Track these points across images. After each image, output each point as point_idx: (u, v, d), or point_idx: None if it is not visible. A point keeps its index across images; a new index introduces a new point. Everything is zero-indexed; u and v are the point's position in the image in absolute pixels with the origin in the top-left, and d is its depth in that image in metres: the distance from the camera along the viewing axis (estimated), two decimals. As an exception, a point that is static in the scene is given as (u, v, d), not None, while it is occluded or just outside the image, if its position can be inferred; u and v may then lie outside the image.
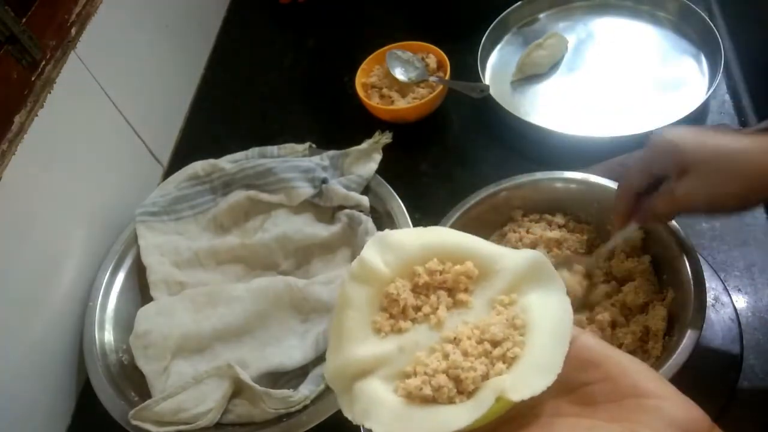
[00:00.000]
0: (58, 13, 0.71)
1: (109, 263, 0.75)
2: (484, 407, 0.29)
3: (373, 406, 0.31)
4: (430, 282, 0.35)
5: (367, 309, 0.35)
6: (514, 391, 0.29)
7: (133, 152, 0.86)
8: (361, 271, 0.35)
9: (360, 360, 0.33)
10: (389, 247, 0.36)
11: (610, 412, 0.31)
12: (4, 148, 0.62)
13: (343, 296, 0.35)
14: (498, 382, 0.30)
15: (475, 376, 0.31)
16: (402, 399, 0.31)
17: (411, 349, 0.33)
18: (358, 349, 0.33)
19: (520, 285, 0.34)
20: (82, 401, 0.71)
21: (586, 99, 0.84)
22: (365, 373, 0.32)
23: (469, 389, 0.31)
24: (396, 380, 0.32)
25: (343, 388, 0.33)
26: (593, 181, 0.64)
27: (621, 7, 0.94)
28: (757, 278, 0.64)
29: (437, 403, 0.31)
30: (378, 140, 0.82)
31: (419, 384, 0.31)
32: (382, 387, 0.32)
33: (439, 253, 0.36)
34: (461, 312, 0.34)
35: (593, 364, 0.32)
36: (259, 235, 0.75)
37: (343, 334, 0.34)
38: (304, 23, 1.10)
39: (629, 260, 0.60)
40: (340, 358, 0.33)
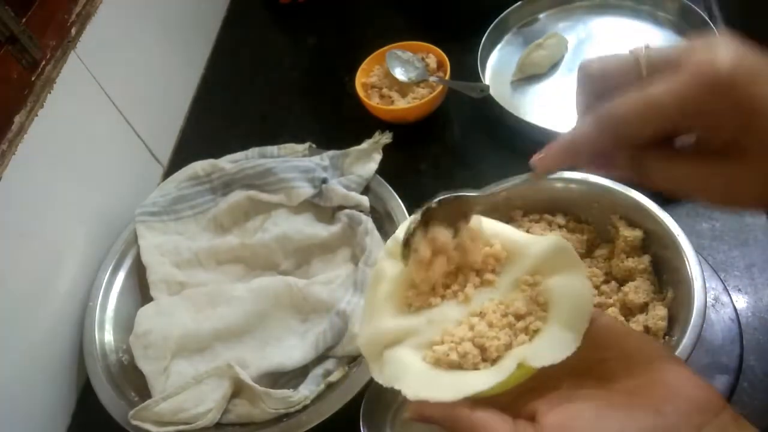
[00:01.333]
0: (58, 13, 0.71)
1: (109, 263, 0.75)
2: (506, 372, 0.31)
3: (402, 370, 0.33)
4: (460, 262, 0.37)
5: (399, 283, 0.37)
6: (535, 358, 0.31)
7: (133, 152, 0.86)
8: (395, 248, 0.37)
9: (391, 330, 0.35)
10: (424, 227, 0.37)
11: (627, 386, 0.32)
12: (4, 148, 0.62)
13: (378, 271, 0.37)
14: (520, 351, 0.32)
15: (499, 345, 0.33)
16: (430, 365, 0.33)
17: (439, 322, 0.35)
18: (390, 321, 0.35)
19: (543, 268, 0.36)
20: (82, 401, 0.71)
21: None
22: (395, 342, 0.35)
23: (493, 357, 0.33)
24: (424, 349, 0.34)
25: (373, 356, 0.35)
26: (593, 181, 0.64)
27: (621, 7, 0.94)
28: (757, 278, 0.64)
29: (462, 368, 0.33)
30: (378, 140, 0.82)
31: (446, 350, 0.33)
32: (411, 354, 0.34)
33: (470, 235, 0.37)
34: (488, 290, 0.36)
35: (611, 343, 0.33)
36: (259, 235, 0.75)
37: (376, 305, 0.36)
38: (304, 23, 1.10)
39: (629, 260, 0.60)
40: (373, 328, 0.35)
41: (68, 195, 0.72)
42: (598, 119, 0.33)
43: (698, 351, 0.51)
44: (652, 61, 0.33)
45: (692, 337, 0.51)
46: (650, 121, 0.31)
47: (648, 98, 0.31)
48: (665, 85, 0.31)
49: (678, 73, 0.31)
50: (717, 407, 0.31)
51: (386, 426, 0.60)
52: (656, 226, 0.59)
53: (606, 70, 0.35)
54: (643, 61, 0.33)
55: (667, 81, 0.31)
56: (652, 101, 0.31)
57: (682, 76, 0.30)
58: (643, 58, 0.33)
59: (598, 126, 0.33)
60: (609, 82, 0.34)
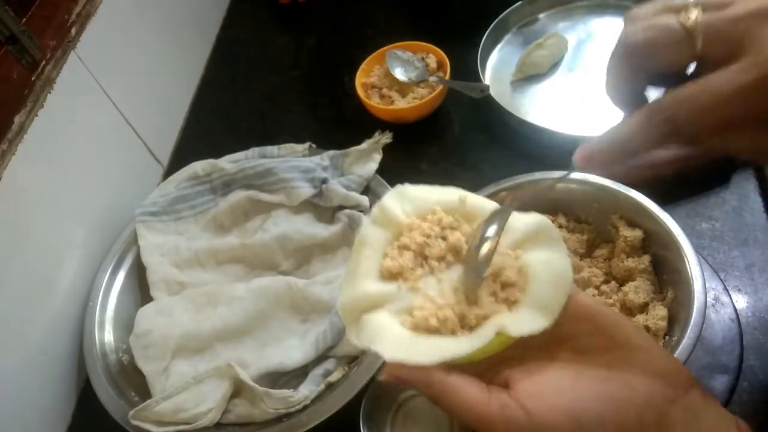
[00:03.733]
0: (58, 13, 0.71)
1: (109, 263, 0.75)
2: (485, 339, 0.32)
3: (380, 333, 0.33)
4: (443, 234, 0.37)
5: (382, 250, 0.37)
6: (513, 327, 0.32)
7: (133, 152, 0.86)
8: (381, 216, 0.37)
9: (371, 294, 0.35)
10: (408, 198, 0.38)
11: (601, 360, 0.33)
12: (4, 148, 0.62)
13: (362, 237, 0.37)
14: (499, 320, 0.32)
15: (478, 313, 0.33)
16: (408, 330, 0.34)
17: (420, 290, 0.35)
18: (371, 285, 0.35)
19: (525, 243, 0.36)
20: (82, 401, 0.71)
21: (586, 99, 0.84)
22: (375, 306, 0.35)
23: (471, 324, 0.33)
24: (403, 315, 0.34)
25: (352, 320, 0.35)
26: (593, 181, 0.64)
27: (621, 7, 0.94)
28: (757, 278, 0.64)
29: (440, 334, 0.33)
30: (378, 140, 0.82)
31: (426, 315, 0.33)
32: (390, 319, 0.34)
33: (453, 209, 0.38)
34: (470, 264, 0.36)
35: (588, 318, 0.34)
36: (259, 235, 0.75)
37: (359, 270, 0.36)
38: (304, 23, 1.10)
39: (629, 260, 0.60)
40: (353, 292, 0.35)
41: (68, 195, 0.72)
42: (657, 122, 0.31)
43: (698, 351, 0.51)
44: (706, 36, 0.30)
45: (692, 337, 0.51)
46: (717, 118, 0.29)
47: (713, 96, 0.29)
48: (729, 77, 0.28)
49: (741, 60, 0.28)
50: (687, 385, 0.32)
51: (386, 426, 0.60)
52: (656, 226, 0.59)
53: (655, 43, 0.31)
54: (698, 36, 0.30)
55: (730, 73, 0.28)
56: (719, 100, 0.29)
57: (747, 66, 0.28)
58: (697, 33, 0.30)
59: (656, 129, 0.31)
60: (657, 57, 0.32)
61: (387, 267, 0.36)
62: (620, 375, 0.32)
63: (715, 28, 0.30)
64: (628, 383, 0.31)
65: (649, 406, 0.31)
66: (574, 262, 0.62)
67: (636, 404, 0.31)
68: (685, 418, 0.31)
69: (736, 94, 0.28)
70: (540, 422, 0.30)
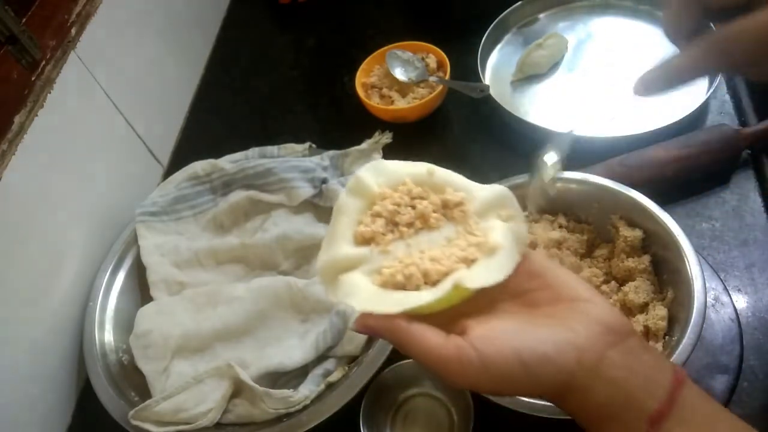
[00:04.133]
0: (58, 13, 0.71)
1: (109, 263, 0.75)
2: (443, 291, 0.35)
3: (354, 289, 0.37)
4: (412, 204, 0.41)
5: (357, 218, 0.40)
6: (469, 281, 0.35)
7: (133, 152, 0.86)
8: (356, 186, 0.41)
9: (347, 257, 0.38)
10: (383, 171, 0.42)
11: (548, 311, 0.37)
12: (4, 148, 0.62)
13: (339, 205, 0.41)
14: (457, 275, 0.36)
15: (440, 270, 0.37)
16: (378, 286, 0.37)
17: (391, 253, 0.39)
18: (347, 248, 0.39)
19: (486, 212, 0.40)
20: (82, 401, 0.71)
21: (586, 99, 0.84)
22: (350, 267, 0.38)
23: (434, 280, 0.37)
24: (374, 275, 0.38)
25: (330, 280, 0.39)
26: (593, 181, 0.64)
27: (621, 7, 0.94)
28: (757, 278, 0.64)
29: (406, 289, 0.37)
30: (378, 140, 0.82)
31: (393, 272, 0.37)
32: (363, 278, 0.38)
33: (423, 181, 0.42)
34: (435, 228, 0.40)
35: (539, 275, 0.38)
36: (259, 235, 0.75)
37: (336, 235, 0.40)
38: (304, 23, 1.10)
39: (629, 260, 0.60)
40: (330, 254, 0.39)
41: (68, 195, 0.72)
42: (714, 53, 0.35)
43: (698, 351, 0.51)
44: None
45: (692, 337, 0.51)
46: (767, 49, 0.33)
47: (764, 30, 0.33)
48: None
49: None
50: (626, 332, 0.36)
51: (386, 426, 0.60)
52: (656, 226, 0.59)
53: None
54: None
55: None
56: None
57: None
58: None
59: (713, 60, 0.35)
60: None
61: (361, 232, 0.39)
62: (564, 321, 0.35)
63: None
64: (571, 328, 0.35)
65: (589, 347, 0.34)
66: (573, 261, 0.62)
67: (576, 346, 0.34)
68: (623, 359, 0.34)
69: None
70: (489, 360, 0.34)
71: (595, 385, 0.34)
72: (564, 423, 0.52)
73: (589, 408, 0.34)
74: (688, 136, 0.72)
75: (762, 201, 0.70)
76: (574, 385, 0.34)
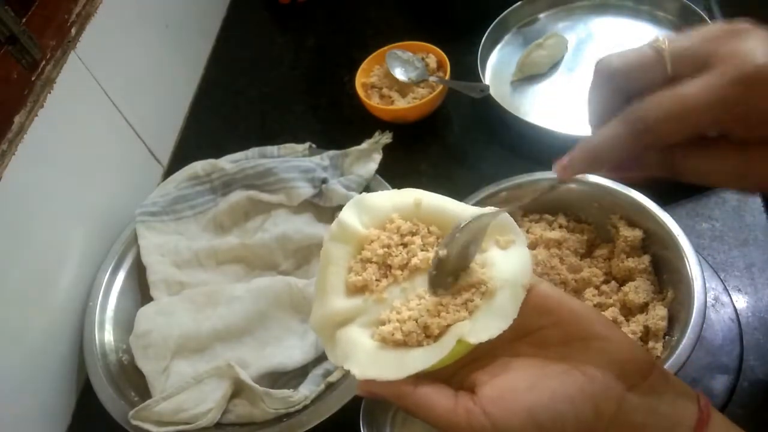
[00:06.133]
0: (58, 13, 0.71)
1: (109, 263, 0.75)
2: (447, 349, 0.33)
3: (352, 349, 0.35)
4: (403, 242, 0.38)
5: (346, 265, 0.38)
6: (473, 335, 0.33)
7: (133, 152, 0.86)
8: (340, 232, 0.38)
9: (341, 310, 0.36)
10: (365, 208, 0.39)
11: (560, 352, 0.34)
12: (4, 148, 0.62)
13: (325, 254, 0.38)
14: (459, 327, 0.34)
15: (440, 323, 0.34)
16: (377, 343, 0.35)
17: (386, 300, 0.37)
18: (339, 301, 0.37)
19: (484, 240, 0.37)
20: (82, 401, 0.71)
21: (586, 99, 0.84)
22: (346, 321, 0.36)
23: (435, 333, 0.35)
24: (373, 327, 0.36)
25: (327, 336, 0.37)
26: (593, 181, 0.64)
27: (621, 7, 0.94)
28: (757, 278, 0.64)
29: (407, 346, 0.35)
30: (378, 140, 0.82)
31: (391, 330, 0.35)
32: (360, 333, 0.36)
33: (410, 214, 0.39)
34: None
35: (548, 311, 0.35)
36: (259, 235, 0.75)
37: (327, 287, 0.38)
38: (304, 23, 1.10)
39: (629, 260, 0.60)
40: (324, 309, 0.37)
41: (68, 195, 0.72)
42: (629, 123, 0.32)
43: (698, 351, 0.51)
44: (676, 55, 0.31)
45: (692, 337, 0.51)
46: (686, 123, 0.30)
47: (682, 100, 0.30)
48: (699, 85, 0.29)
49: (710, 72, 0.29)
50: (647, 369, 0.33)
51: (386, 426, 0.60)
52: (656, 226, 0.59)
53: (628, 66, 0.33)
54: (667, 56, 0.31)
55: (700, 81, 0.29)
56: (687, 103, 0.30)
57: (716, 76, 0.29)
58: (666, 53, 0.32)
59: (629, 130, 0.32)
60: (632, 79, 0.33)
61: (352, 282, 0.37)
62: (578, 366, 0.33)
63: (683, 48, 0.32)
64: (586, 374, 0.32)
65: (606, 395, 0.32)
66: (573, 261, 0.62)
67: (593, 395, 0.32)
68: (644, 402, 0.32)
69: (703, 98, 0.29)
70: (502, 425, 0.32)
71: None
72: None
73: None
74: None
75: (762, 201, 0.70)
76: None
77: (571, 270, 0.61)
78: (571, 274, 0.61)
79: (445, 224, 0.38)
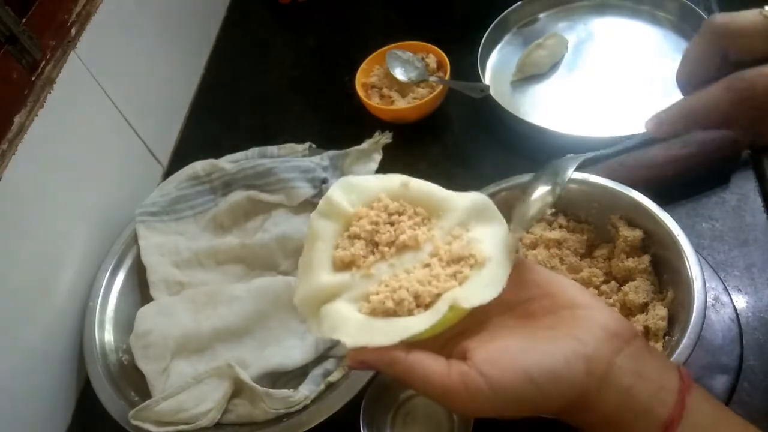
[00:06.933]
0: (58, 13, 0.71)
1: (109, 263, 0.75)
2: (439, 314, 0.33)
3: (340, 321, 0.35)
4: (390, 220, 0.39)
5: (333, 242, 0.38)
6: (465, 300, 0.33)
7: (133, 152, 0.86)
8: (328, 208, 0.39)
9: (327, 286, 0.36)
10: (354, 188, 0.39)
11: (548, 321, 0.35)
12: (4, 148, 0.62)
13: (312, 230, 0.38)
14: (451, 294, 0.34)
15: (431, 291, 0.35)
16: (366, 315, 0.35)
17: (374, 276, 0.37)
18: (325, 277, 0.37)
19: (468, 222, 0.38)
20: (82, 401, 0.71)
21: (586, 99, 0.84)
22: (331, 297, 0.36)
23: (426, 302, 0.35)
24: (360, 301, 0.36)
25: (311, 312, 0.37)
26: (593, 181, 0.64)
27: (621, 7, 0.94)
28: (757, 278, 0.64)
29: (398, 315, 0.35)
30: (378, 140, 0.82)
31: (382, 298, 0.35)
32: (347, 307, 0.36)
33: (398, 195, 0.39)
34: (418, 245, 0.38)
35: (534, 284, 0.37)
36: (259, 235, 0.75)
37: (312, 263, 0.37)
38: (304, 23, 1.10)
39: (629, 260, 0.60)
40: (309, 284, 0.37)
41: (68, 195, 0.72)
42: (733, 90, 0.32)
43: (698, 351, 0.51)
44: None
45: (692, 337, 0.51)
46: None
47: None
48: None
49: None
50: (631, 336, 0.34)
51: (386, 426, 0.60)
52: (656, 226, 0.59)
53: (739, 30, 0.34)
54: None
55: None
56: None
57: None
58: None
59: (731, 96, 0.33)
60: (737, 44, 0.34)
61: (339, 257, 0.37)
62: (567, 331, 0.34)
63: None
64: (576, 338, 0.33)
65: (597, 355, 0.33)
66: (573, 261, 0.62)
67: (585, 356, 0.33)
68: (631, 365, 0.33)
69: None
70: (498, 384, 0.32)
71: (604, 394, 0.33)
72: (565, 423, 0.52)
73: (598, 417, 0.33)
74: (688, 136, 0.72)
75: (762, 201, 0.70)
76: (585, 396, 0.33)
77: (571, 270, 0.61)
78: (571, 275, 0.61)
79: (431, 207, 0.39)
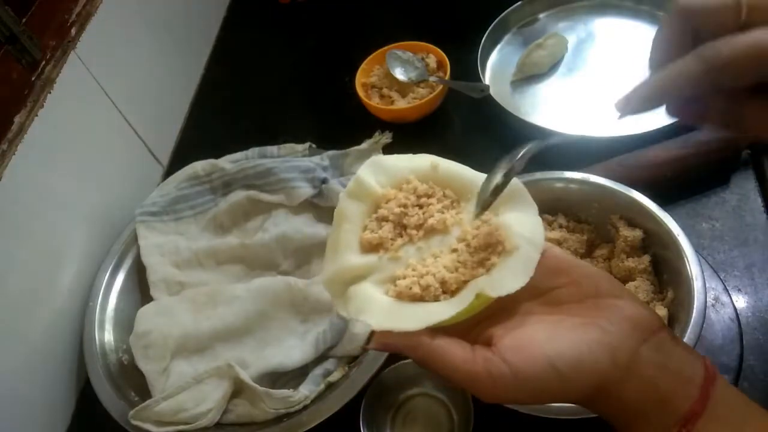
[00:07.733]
0: (58, 13, 0.71)
1: (109, 263, 0.75)
2: (466, 302, 0.33)
3: (367, 303, 0.34)
4: (419, 203, 0.38)
5: (361, 223, 0.38)
6: (492, 288, 0.33)
7: (133, 152, 0.86)
8: (357, 189, 0.38)
9: (354, 267, 0.36)
10: (383, 169, 0.39)
11: (574, 310, 0.35)
12: (4, 148, 0.62)
13: (340, 211, 0.38)
14: (478, 282, 0.34)
15: (458, 277, 0.35)
16: (392, 298, 0.35)
17: (401, 259, 0.36)
18: (353, 258, 0.36)
19: (498, 206, 0.37)
20: (82, 401, 0.71)
21: (586, 99, 0.84)
22: (358, 278, 0.36)
23: (452, 289, 0.35)
24: (386, 284, 0.36)
25: (338, 292, 0.36)
26: (593, 181, 0.64)
27: (621, 7, 0.94)
28: (757, 278, 0.64)
29: (424, 301, 0.34)
30: (378, 140, 0.82)
31: (409, 283, 0.34)
32: (374, 289, 0.35)
33: (427, 176, 0.39)
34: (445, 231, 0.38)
35: (561, 272, 0.36)
36: (259, 235, 0.75)
37: (340, 244, 0.37)
38: (304, 23, 1.10)
39: (629, 260, 0.60)
40: (337, 265, 0.36)
41: (68, 195, 0.72)
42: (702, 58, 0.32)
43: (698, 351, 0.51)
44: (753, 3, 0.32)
45: (692, 337, 0.51)
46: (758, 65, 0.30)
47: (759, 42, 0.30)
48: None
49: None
50: (656, 326, 0.34)
51: (386, 426, 0.60)
52: (656, 226, 0.59)
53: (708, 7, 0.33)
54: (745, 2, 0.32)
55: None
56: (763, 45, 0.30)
57: None
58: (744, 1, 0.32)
59: (701, 65, 0.32)
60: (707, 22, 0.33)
61: (367, 239, 0.37)
62: (593, 321, 0.34)
63: None
64: (601, 327, 0.33)
65: (621, 345, 0.33)
66: None
67: (610, 344, 0.33)
68: (655, 356, 0.33)
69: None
70: (522, 372, 0.32)
71: (627, 384, 0.33)
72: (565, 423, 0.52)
73: (620, 407, 0.33)
74: (688, 136, 0.72)
75: (762, 201, 0.70)
76: (608, 386, 0.33)
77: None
78: (571, 274, 0.61)
79: (460, 189, 0.39)
